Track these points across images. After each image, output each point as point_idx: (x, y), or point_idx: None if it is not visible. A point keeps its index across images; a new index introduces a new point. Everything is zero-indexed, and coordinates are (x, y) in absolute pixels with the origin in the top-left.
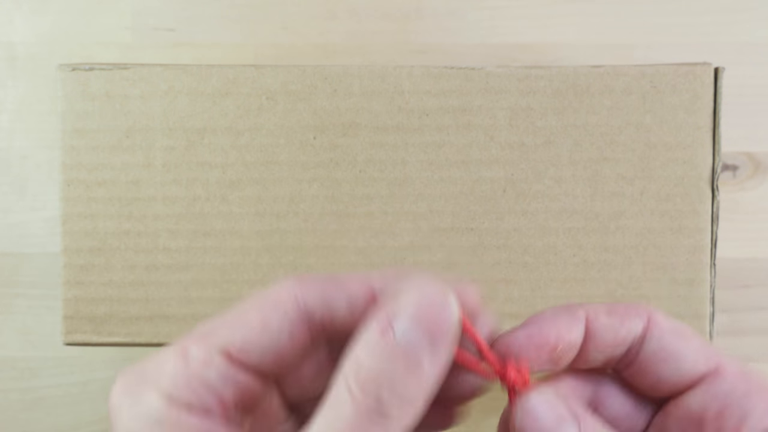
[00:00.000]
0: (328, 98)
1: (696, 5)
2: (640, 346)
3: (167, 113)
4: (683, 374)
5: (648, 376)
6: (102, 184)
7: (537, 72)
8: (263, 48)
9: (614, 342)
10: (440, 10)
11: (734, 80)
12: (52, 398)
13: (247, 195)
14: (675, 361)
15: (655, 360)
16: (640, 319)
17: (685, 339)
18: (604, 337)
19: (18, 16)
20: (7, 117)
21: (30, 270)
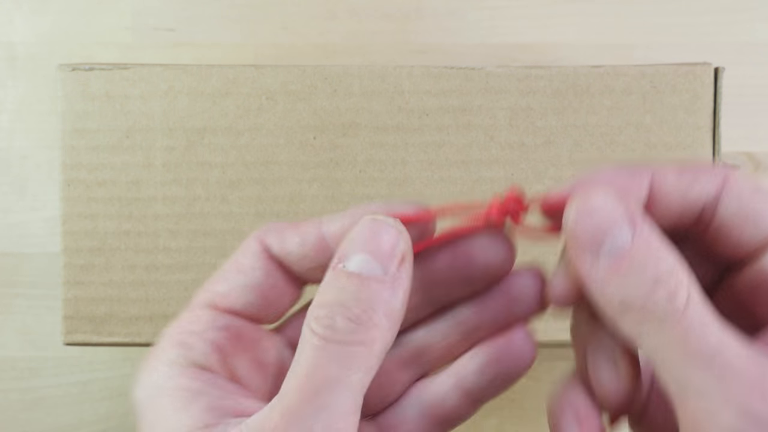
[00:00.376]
0: (328, 98)
1: (696, 5)
2: (715, 209)
3: (167, 113)
4: (764, 234)
5: (724, 241)
6: (102, 184)
7: (537, 72)
8: (263, 48)
9: (682, 203)
10: (440, 10)
11: (734, 80)
12: (52, 398)
13: (247, 195)
14: (755, 221)
15: (732, 223)
16: (714, 179)
17: (767, 197)
18: (670, 198)
19: (18, 16)
20: (7, 117)
21: (30, 270)
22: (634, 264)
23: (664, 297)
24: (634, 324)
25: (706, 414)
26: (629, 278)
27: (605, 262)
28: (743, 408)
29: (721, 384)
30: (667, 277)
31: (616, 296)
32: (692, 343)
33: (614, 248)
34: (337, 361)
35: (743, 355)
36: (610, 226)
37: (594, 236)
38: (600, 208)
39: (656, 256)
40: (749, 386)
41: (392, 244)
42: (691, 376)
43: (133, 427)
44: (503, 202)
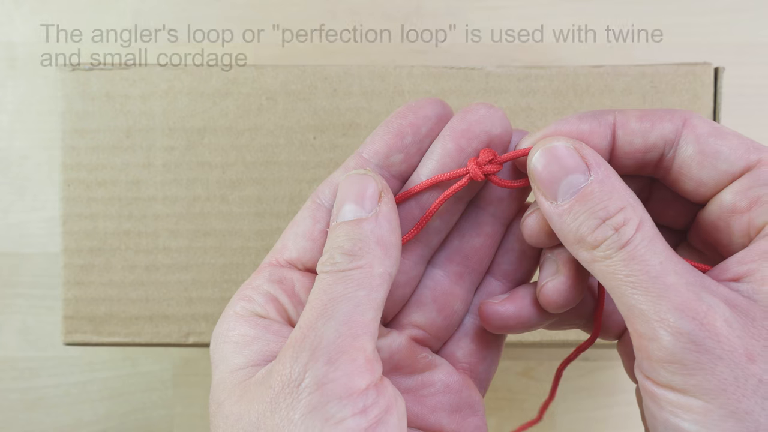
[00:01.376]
0: (328, 98)
1: (696, 5)
2: (675, 151)
3: (167, 113)
4: (721, 173)
5: (687, 180)
6: (102, 184)
7: (537, 72)
8: (263, 48)
9: (644, 146)
10: (440, 10)
11: (734, 80)
12: (52, 398)
13: (247, 195)
14: (712, 162)
15: (692, 163)
16: (674, 123)
17: (723, 138)
18: (633, 142)
19: (18, 16)
20: (7, 117)
21: (30, 270)
22: (585, 203)
23: (610, 232)
24: (587, 255)
25: (647, 335)
26: (581, 216)
27: (561, 202)
28: (676, 328)
29: (657, 306)
30: (616, 213)
31: (571, 232)
32: (634, 270)
33: (568, 189)
34: (341, 284)
35: (681, 281)
36: (565, 170)
37: (551, 179)
38: (557, 154)
39: (607, 195)
40: (682, 307)
41: (366, 187)
42: (634, 300)
43: (133, 427)
44: (478, 162)
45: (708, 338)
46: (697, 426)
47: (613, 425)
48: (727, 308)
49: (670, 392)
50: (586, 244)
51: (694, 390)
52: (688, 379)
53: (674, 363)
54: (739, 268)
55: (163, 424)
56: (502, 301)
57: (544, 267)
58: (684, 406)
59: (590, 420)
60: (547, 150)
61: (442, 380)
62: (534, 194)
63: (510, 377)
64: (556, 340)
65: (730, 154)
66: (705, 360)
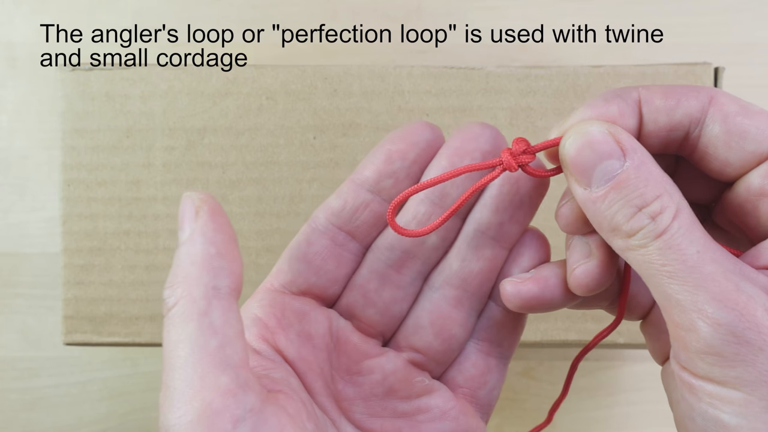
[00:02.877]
0: (328, 98)
1: (696, 5)
2: (701, 129)
3: (167, 113)
4: (748, 153)
5: (713, 160)
6: (102, 184)
7: (537, 72)
8: (263, 48)
9: (669, 124)
10: (440, 10)
11: (734, 80)
12: (52, 398)
13: (247, 195)
14: (739, 142)
15: (718, 143)
16: (699, 100)
17: (752, 117)
18: (657, 119)
19: (18, 16)
20: (7, 117)
21: (30, 270)
22: (621, 190)
23: (647, 220)
24: (622, 243)
25: (685, 325)
26: (616, 204)
27: (596, 189)
28: (715, 319)
29: (695, 296)
30: (653, 201)
31: (606, 220)
32: (671, 260)
33: (603, 176)
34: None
35: (719, 270)
36: (600, 156)
37: (585, 165)
38: (591, 139)
39: (644, 182)
40: (721, 298)
41: (184, 211)
42: (671, 290)
43: (133, 427)
44: (513, 153)
45: (748, 329)
46: (738, 418)
47: (613, 425)
48: (767, 298)
49: (709, 384)
50: (621, 233)
51: (734, 382)
52: (727, 371)
53: (713, 354)
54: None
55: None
56: (525, 281)
57: (574, 249)
58: (724, 398)
59: (590, 420)
60: (581, 135)
61: (438, 406)
62: (567, 181)
63: (510, 377)
64: (556, 340)
65: (757, 134)
66: (745, 352)
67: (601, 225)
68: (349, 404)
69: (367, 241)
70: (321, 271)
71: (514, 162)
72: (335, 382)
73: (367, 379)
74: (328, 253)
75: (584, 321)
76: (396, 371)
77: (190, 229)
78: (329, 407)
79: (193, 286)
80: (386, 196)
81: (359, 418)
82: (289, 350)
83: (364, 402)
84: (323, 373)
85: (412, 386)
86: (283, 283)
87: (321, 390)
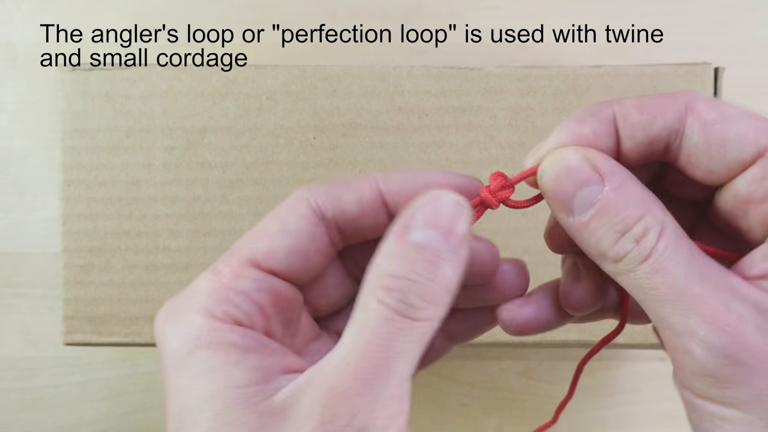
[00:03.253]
0: (328, 98)
1: (696, 5)
2: (681, 140)
3: (167, 113)
4: (731, 161)
5: (697, 168)
6: (102, 184)
7: (537, 72)
8: (263, 48)
9: (648, 139)
10: (440, 10)
11: (734, 80)
12: (52, 398)
13: (247, 195)
14: (720, 150)
15: (699, 152)
16: (676, 110)
17: (730, 123)
18: (635, 135)
19: (18, 16)
20: (7, 117)
21: (30, 270)
22: (602, 216)
23: (631, 245)
24: (611, 268)
25: (680, 348)
26: (600, 230)
27: (579, 216)
28: (707, 342)
29: (686, 320)
30: (634, 224)
31: (592, 246)
32: (659, 283)
33: (584, 203)
34: (404, 335)
35: (708, 290)
36: (578, 183)
37: (565, 194)
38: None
39: (624, 205)
40: (711, 320)
41: (459, 222)
42: (662, 313)
43: (133, 427)
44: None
45: (741, 351)
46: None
47: (613, 425)
48: (758, 315)
49: (709, 403)
50: (608, 258)
51: (732, 402)
52: (725, 391)
53: (709, 377)
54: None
55: (163, 424)
56: (519, 306)
57: (567, 272)
58: (724, 417)
59: (590, 420)
60: (557, 164)
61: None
62: (550, 209)
63: (510, 377)
64: (556, 340)
65: (738, 141)
66: (740, 373)
67: (588, 251)
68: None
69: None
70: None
71: (494, 199)
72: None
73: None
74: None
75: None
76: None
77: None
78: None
79: (439, 318)
80: None
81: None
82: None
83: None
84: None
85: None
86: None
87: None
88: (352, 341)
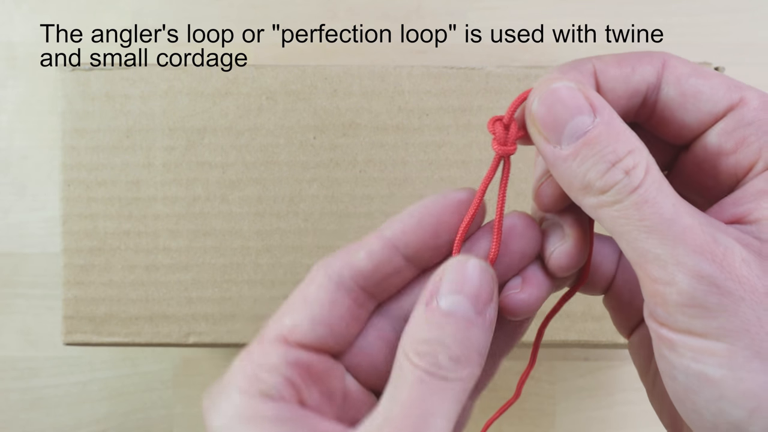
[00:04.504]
0: (328, 98)
1: (696, 5)
2: (657, 94)
3: (167, 113)
4: (704, 113)
5: (670, 124)
6: (102, 184)
7: (537, 72)
8: (263, 48)
9: (626, 92)
10: (440, 10)
11: None
12: (52, 398)
13: (247, 195)
14: (694, 102)
15: (674, 105)
16: (653, 65)
17: (704, 77)
18: (615, 88)
19: (18, 16)
20: (7, 117)
21: (30, 270)
22: (593, 146)
23: (621, 175)
24: (594, 201)
25: (663, 279)
26: (589, 160)
27: (567, 146)
28: (695, 271)
29: (674, 249)
30: (625, 156)
31: (577, 177)
32: (647, 214)
33: (574, 132)
34: (439, 394)
35: (695, 223)
36: (570, 112)
37: (555, 122)
38: (561, 95)
39: (615, 137)
40: (700, 250)
41: (484, 287)
42: (648, 245)
43: (133, 427)
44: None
45: (729, 279)
46: (722, 369)
47: (613, 425)
48: (743, 248)
49: (691, 337)
50: (593, 190)
51: (716, 333)
52: (710, 321)
53: (695, 307)
54: (737, 209)
55: (163, 424)
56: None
57: (548, 234)
58: (706, 351)
59: (590, 420)
60: (550, 92)
61: None
62: (535, 141)
63: (510, 377)
64: (556, 340)
65: (712, 93)
66: (727, 302)
67: (571, 183)
68: None
69: (382, 299)
70: (341, 335)
71: (509, 143)
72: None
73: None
74: (351, 316)
75: (584, 321)
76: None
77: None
78: None
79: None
80: (421, 264)
81: None
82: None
83: None
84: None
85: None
86: (299, 340)
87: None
88: (390, 403)
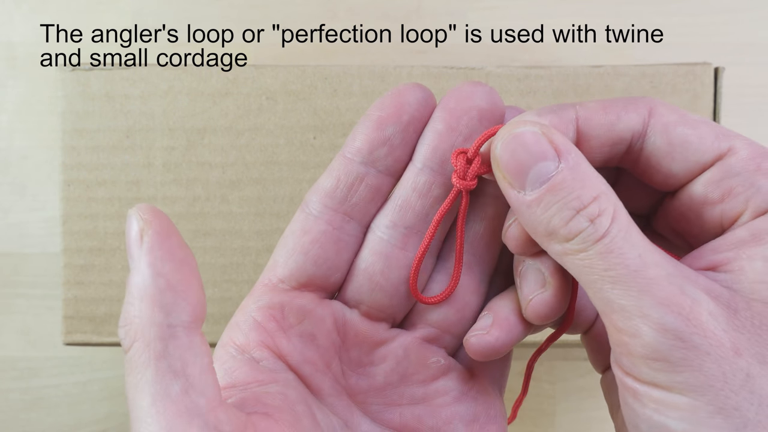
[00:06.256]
0: (328, 98)
1: (696, 5)
2: (643, 142)
3: (167, 113)
4: (691, 163)
5: (656, 172)
6: (102, 184)
7: (537, 72)
8: (263, 48)
9: (610, 140)
10: (440, 10)
11: (734, 80)
12: (52, 398)
13: (247, 195)
14: (682, 152)
15: (661, 154)
16: (639, 113)
17: (692, 126)
18: (598, 135)
19: (18, 16)
20: (7, 117)
21: (30, 270)
22: (556, 193)
23: (585, 223)
24: (559, 248)
25: (628, 331)
26: (553, 207)
27: (530, 192)
28: (660, 324)
29: (639, 301)
30: (590, 203)
31: (542, 224)
32: (613, 264)
33: (538, 178)
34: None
35: (663, 274)
36: (533, 157)
37: (519, 167)
38: (524, 140)
39: (580, 183)
40: (666, 302)
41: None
42: (613, 296)
43: None
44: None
45: (695, 334)
46: (684, 423)
47: (613, 425)
48: (710, 300)
49: (654, 389)
50: (558, 237)
51: (680, 387)
52: (673, 376)
53: (659, 360)
54: (715, 257)
55: None
56: (489, 330)
57: (527, 278)
58: (669, 404)
59: (590, 420)
60: (512, 137)
61: (457, 387)
62: (500, 185)
63: (510, 377)
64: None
65: (699, 143)
66: (692, 356)
67: (536, 229)
68: (363, 397)
69: (365, 219)
70: (320, 260)
71: (468, 178)
72: (346, 378)
73: (381, 368)
74: (326, 239)
75: None
76: (409, 355)
77: (136, 257)
78: (341, 407)
79: (146, 326)
80: (382, 167)
81: (376, 410)
82: (293, 354)
83: (380, 392)
84: (332, 371)
85: (427, 369)
86: (280, 277)
87: (330, 390)
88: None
